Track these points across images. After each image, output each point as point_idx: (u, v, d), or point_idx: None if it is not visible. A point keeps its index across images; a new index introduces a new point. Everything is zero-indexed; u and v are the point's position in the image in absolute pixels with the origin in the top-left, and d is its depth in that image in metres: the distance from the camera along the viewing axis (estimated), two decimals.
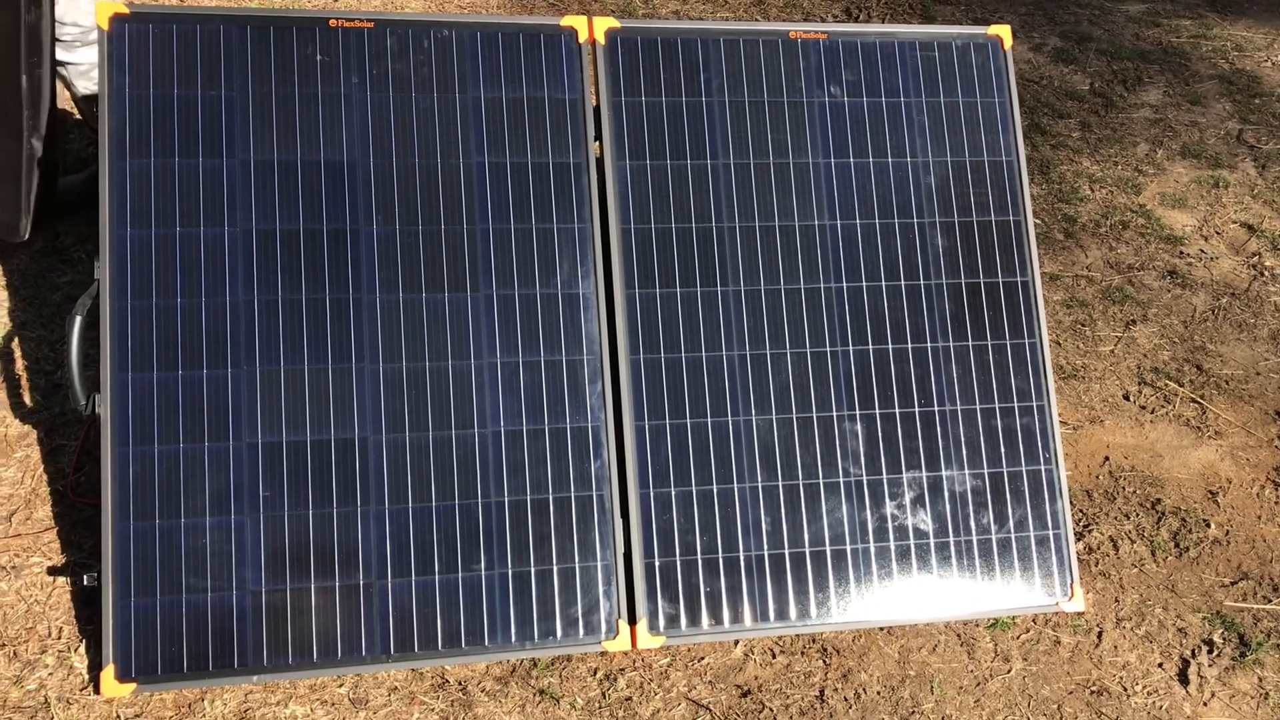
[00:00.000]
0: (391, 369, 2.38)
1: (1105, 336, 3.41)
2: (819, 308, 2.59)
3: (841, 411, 2.56)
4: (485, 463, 2.39)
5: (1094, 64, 4.64)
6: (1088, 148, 4.16)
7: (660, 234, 2.56)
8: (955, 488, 2.58)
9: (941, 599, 2.52)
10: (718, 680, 2.42)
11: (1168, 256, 3.73)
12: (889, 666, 2.49)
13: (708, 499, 2.47)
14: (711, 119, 2.63)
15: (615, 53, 2.61)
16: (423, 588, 2.32)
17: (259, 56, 2.43)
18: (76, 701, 2.22)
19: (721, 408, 2.51)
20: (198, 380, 2.31)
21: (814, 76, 2.70)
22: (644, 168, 2.57)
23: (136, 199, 2.34)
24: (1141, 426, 3.14)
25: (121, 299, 2.30)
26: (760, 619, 2.44)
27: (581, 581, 2.38)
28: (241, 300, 2.34)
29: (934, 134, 2.73)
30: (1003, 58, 2.80)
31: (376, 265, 2.40)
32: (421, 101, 2.48)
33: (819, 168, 2.66)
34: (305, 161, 2.41)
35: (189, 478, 2.28)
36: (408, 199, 2.45)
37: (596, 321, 2.49)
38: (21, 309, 2.92)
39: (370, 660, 2.28)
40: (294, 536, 2.30)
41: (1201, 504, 2.94)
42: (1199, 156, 4.18)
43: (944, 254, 2.68)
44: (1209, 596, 2.71)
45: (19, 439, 2.66)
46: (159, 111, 2.37)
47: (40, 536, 2.48)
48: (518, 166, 2.51)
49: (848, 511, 2.52)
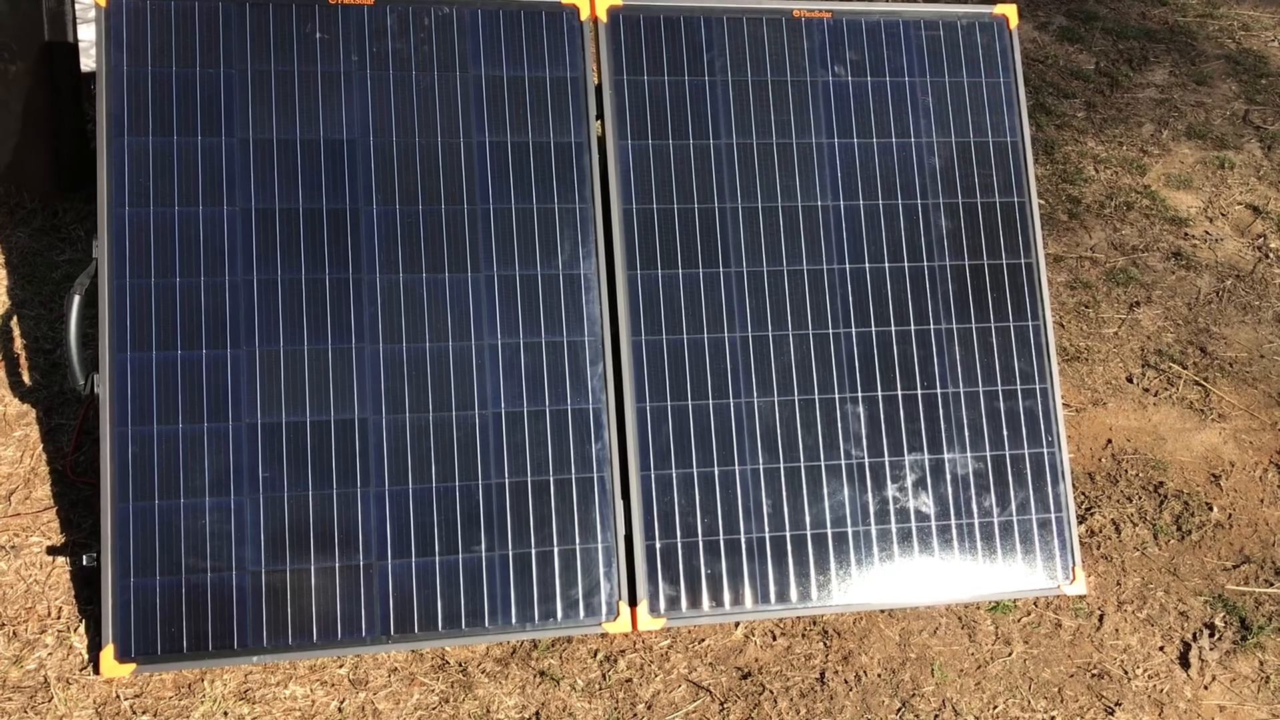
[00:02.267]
0: (392, 349, 2.37)
1: (1109, 318, 3.40)
2: (821, 289, 2.58)
3: (844, 393, 2.55)
4: (486, 444, 2.38)
5: (1099, 43, 4.60)
6: (1093, 128, 4.14)
7: (662, 214, 2.54)
8: (957, 470, 2.57)
9: (943, 582, 2.51)
10: (718, 662, 2.42)
11: (1172, 238, 3.71)
12: (890, 649, 2.48)
13: (709, 481, 2.46)
14: (714, 98, 2.60)
15: (617, 30, 2.58)
16: (423, 569, 2.32)
17: (258, 34, 2.40)
18: (76, 681, 2.22)
19: (723, 389, 2.50)
20: (197, 360, 2.30)
21: (817, 55, 2.67)
22: (646, 147, 2.55)
23: (135, 177, 2.32)
24: (1144, 409, 3.13)
25: (120, 278, 2.29)
26: (761, 601, 2.43)
27: (582, 563, 2.38)
28: (241, 280, 2.33)
29: (938, 114, 2.71)
30: (1008, 37, 2.77)
31: (377, 245, 2.39)
32: (422, 80, 2.46)
33: (822, 148, 2.64)
34: (305, 140, 2.39)
35: (188, 458, 2.27)
36: (408, 178, 2.43)
37: (598, 302, 2.48)
38: (20, 287, 2.91)
39: (370, 641, 2.28)
40: (294, 517, 2.29)
41: (1204, 487, 2.93)
42: (1204, 137, 4.16)
43: (948, 235, 2.66)
44: (1210, 580, 2.70)
45: (18, 418, 2.65)
46: (157, 89, 2.35)
47: (39, 516, 2.48)
48: (519, 146, 2.49)
49: (849, 494, 2.51)
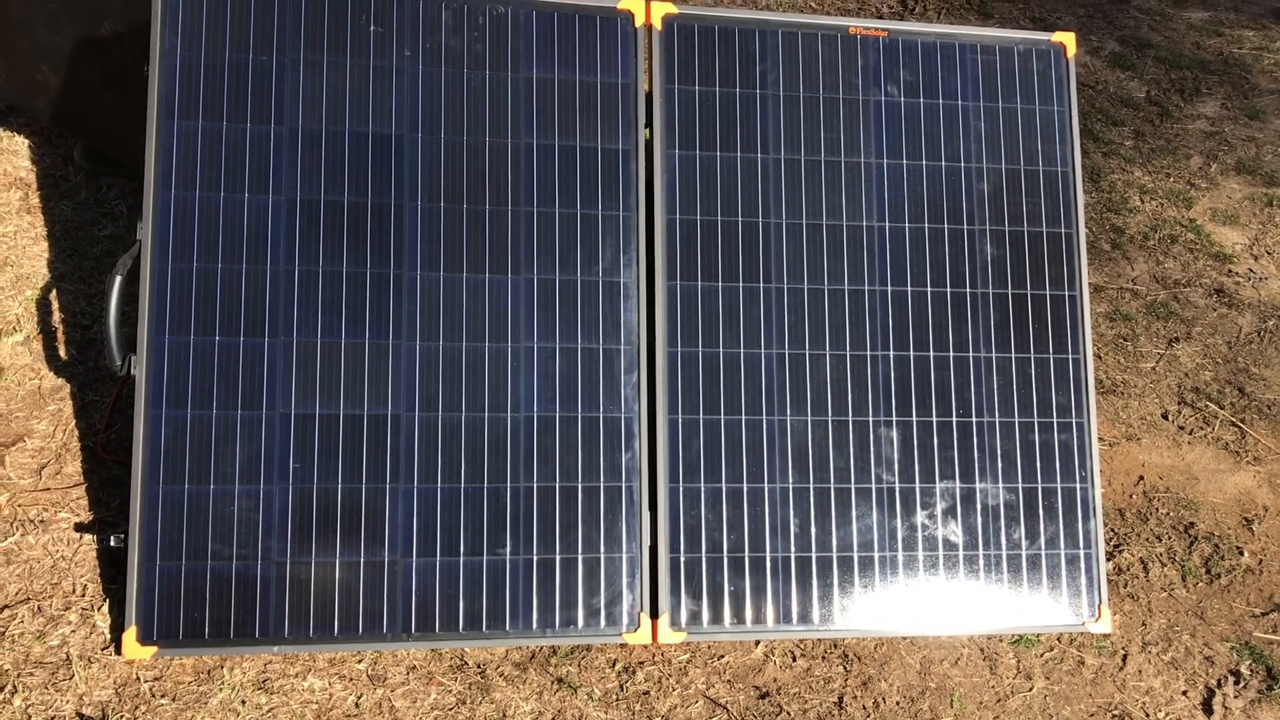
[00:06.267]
0: (428, 347, 2.36)
1: (1147, 353, 3.36)
2: (861, 310, 2.56)
3: (878, 416, 2.53)
4: (516, 447, 2.37)
5: (1151, 71, 4.55)
6: (1140, 157, 4.09)
7: (706, 226, 2.52)
8: (988, 500, 2.54)
9: (967, 612, 2.49)
10: (736, 680, 2.41)
11: (1215, 274, 3.66)
12: (910, 677, 2.46)
13: (737, 497, 2.45)
14: (765, 112, 2.58)
15: (671, 39, 2.56)
16: (446, 568, 2.31)
17: (313, 24, 2.40)
18: (98, 661, 2.23)
19: (757, 405, 2.49)
20: (234, 347, 2.30)
21: (871, 74, 2.65)
22: (693, 158, 2.54)
23: (182, 161, 2.32)
24: (1179, 447, 3.09)
25: (163, 261, 2.29)
26: (783, 621, 2.42)
27: (606, 572, 2.37)
28: (283, 269, 2.33)
29: (989, 139, 2.68)
30: (1064, 66, 2.74)
31: (419, 242, 2.38)
32: (473, 78, 2.45)
33: (870, 167, 2.61)
34: (353, 133, 2.38)
35: (220, 444, 2.27)
36: (454, 177, 2.42)
37: (636, 311, 2.46)
38: (61, 260, 2.92)
39: (390, 638, 2.28)
40: (321, 509, 2.29)
41: (1236, 530, 2.89)
42: (1254, 173, 4.10)
43: (993, 262, 2.63)
44: (1238, 626, 2.67)
45: (52, 392, 2.66)
46: (209, 74, 2.35)
47: (69, 492, 2.49)
48: (566, 150, 2.48)
49: (878, 518, 2.49)
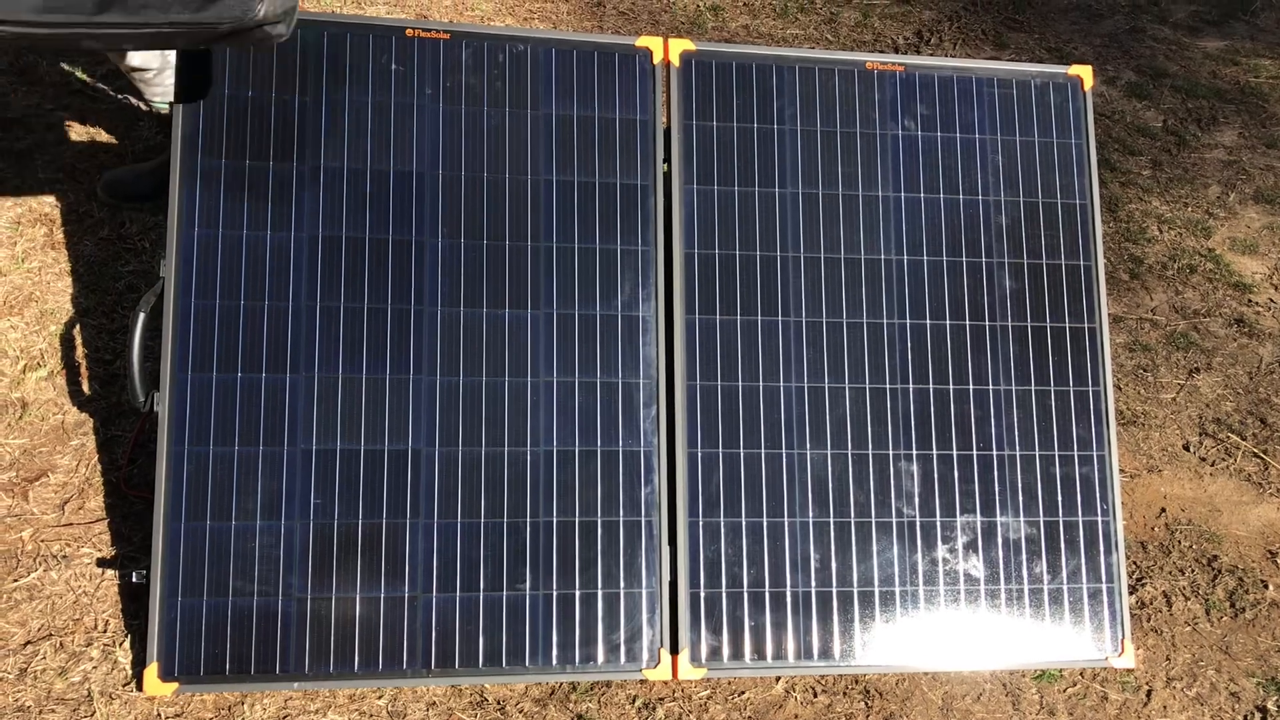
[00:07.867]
0: (448, 382, 2.37)
1: (1167, 383, 3.35)
2: (880, 343, 2.56)
3: (898, 450, 2.52)
4: (535, 482, 2.38)
5: (1168, 100, 4.55)
6: (1158, 187, 4.09)
7: (724, 260, 2.53)
8: (1009, 534, 2.53)
9: (989, 647, 2.47)
10: (757, 716, 2.39)
11: (1235, 304, 3.65)
12: (931, 713, 2.44)
13: (757, 531, 2.44)
14: (782, 146, 2.59)
15: (689, 75, 2.58)
16: (466, 604, 2.31)
17: (334, 63, 2.42)
18: (119, 697, 2.23)
19: (776, 439, 2.48)
20: (256, 383, 2.31)
21: (888, 108, 2.66)
22: (711, 192, 2.55)
23: (205, 199, 2.34)
24: (1201, 479, 3.07)
25: (185, 298, 2.31)
26: (804, 656, 2.40)
27: (625, 608, 2.36)
28: (304, 305, 2.34)
29: (1007, 173, 2.68)
30: (1082, 99, 2.75)
31: (440, 278, 2.39)
32: (493, 116, 2.47)
33: (888, 201, 2.62)
34: (375, 170, 2.40)
35: (242, 480, 2.28)
36: (474, 213, 2.43)
37: (655, 345, 2.47)
38: (84, 295, 2.95)
39: (410, 674, 2.27)
40: (342, 545, 2.29)
41: (1260, 564, 2.87)
42: (1273, 202, 4.09)
43: (1011, 295, 2.63)
44: (1264, 661, 2.64)
45: (75, 427, 2.68)
46: (231, 113, 2.37)
47: (91, 527, 2.50)
48: (585, 185, 2.49)
49: (899, 552, 2.48)
